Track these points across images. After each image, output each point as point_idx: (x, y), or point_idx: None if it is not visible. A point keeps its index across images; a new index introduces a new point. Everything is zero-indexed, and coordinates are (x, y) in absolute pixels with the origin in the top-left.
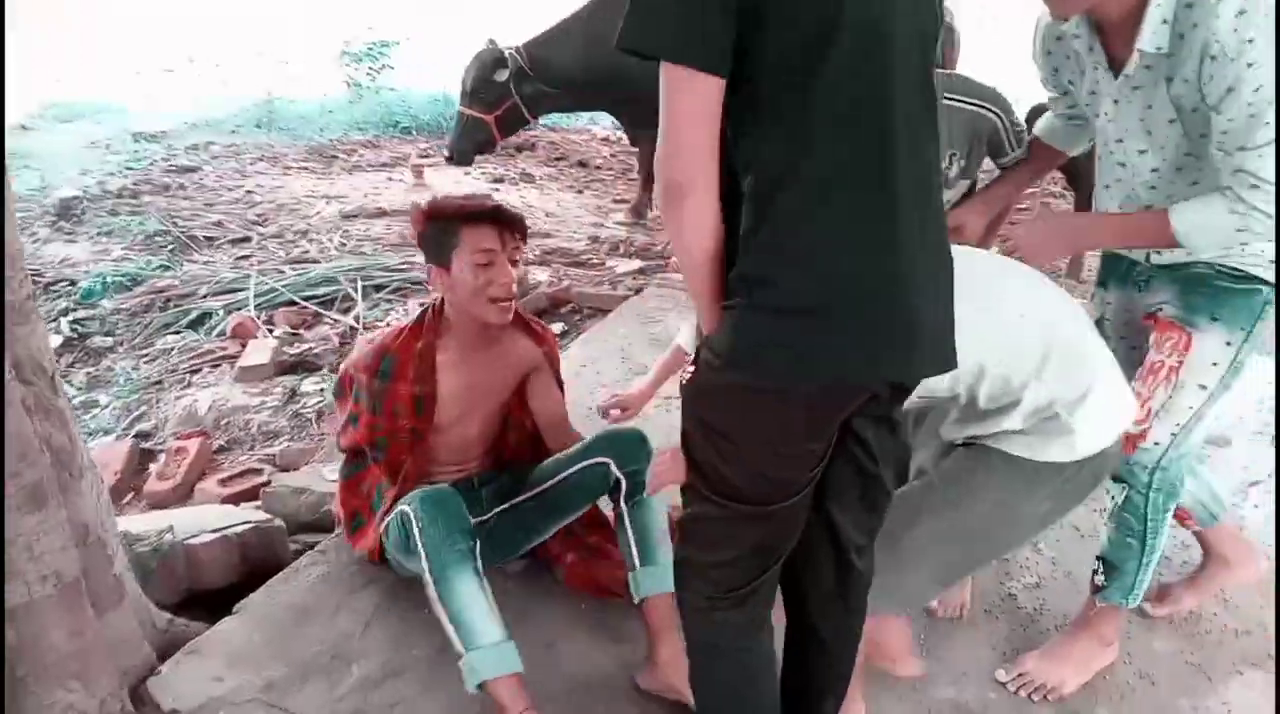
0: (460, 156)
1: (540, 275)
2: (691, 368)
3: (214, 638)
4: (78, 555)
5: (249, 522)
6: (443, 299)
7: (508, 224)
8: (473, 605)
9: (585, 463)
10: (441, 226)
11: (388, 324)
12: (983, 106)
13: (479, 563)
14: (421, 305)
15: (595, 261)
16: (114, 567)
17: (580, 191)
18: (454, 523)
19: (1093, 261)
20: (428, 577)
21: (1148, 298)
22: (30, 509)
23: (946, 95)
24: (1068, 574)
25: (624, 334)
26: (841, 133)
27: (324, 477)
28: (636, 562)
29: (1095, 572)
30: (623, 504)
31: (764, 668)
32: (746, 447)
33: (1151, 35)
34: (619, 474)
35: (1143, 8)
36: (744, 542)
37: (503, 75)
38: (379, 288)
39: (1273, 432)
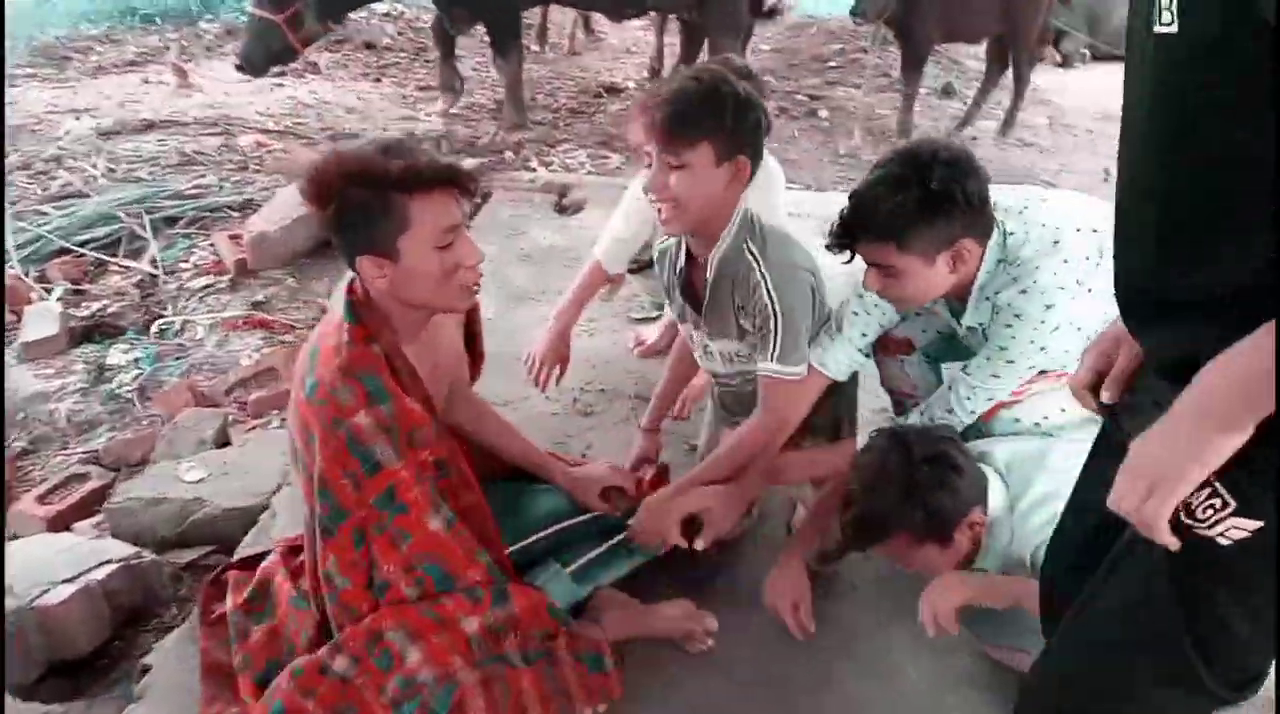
0: (250, 66)
1: None
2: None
3: None
4: None
5: (110, 560)
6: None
7: (466, 184)
8: None
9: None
10: (371, 201)
11: (194, 266)
12: None
13: None
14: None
15: None
16: None
17: (377, 79)
18: None
19: None
20: None
21: None
22: None
23: None
24: None
25: (492, 255)
26: None
27: (180, 477)
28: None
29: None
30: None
31: None
32: None
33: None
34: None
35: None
36: None
37: None
38: (171, 221)
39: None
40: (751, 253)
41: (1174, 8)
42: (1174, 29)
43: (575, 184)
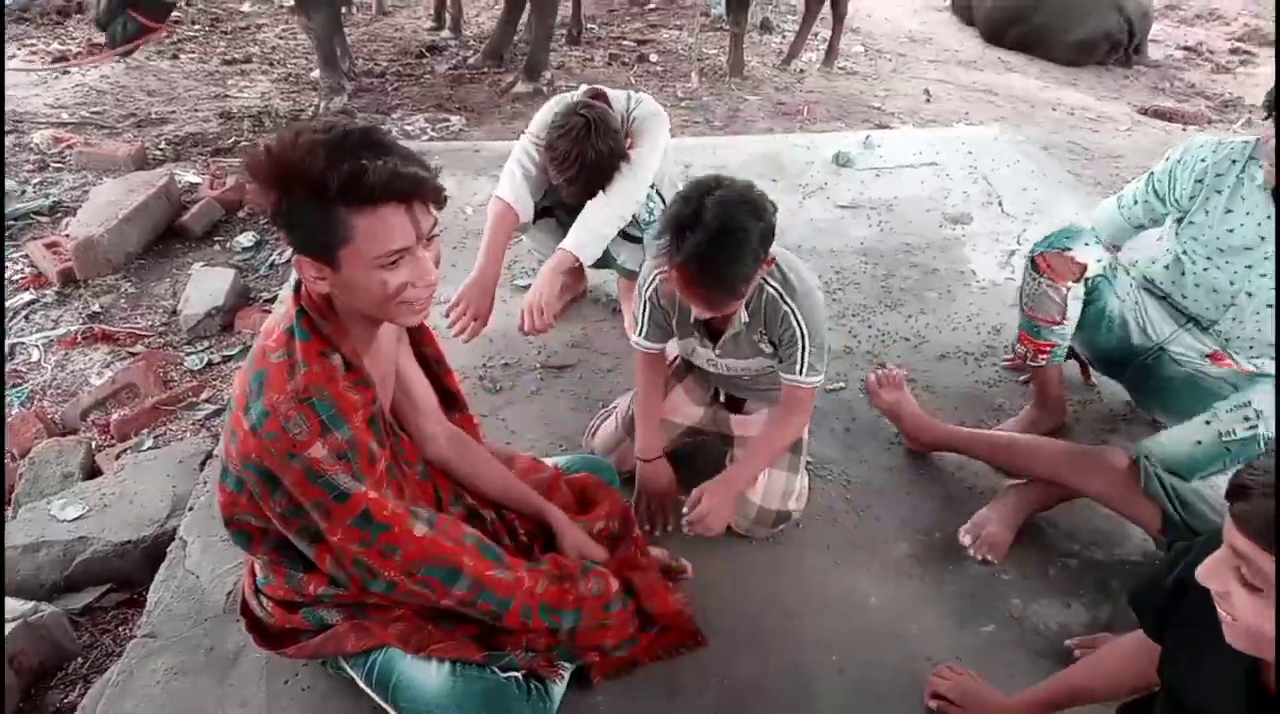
0: (111, 37)
1: (190, 176)
2: None
3: None
4: None
5: (6, 619)
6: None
7: (425, 197)
8: None
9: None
10: (310, 206)
11: (10, 281)
12: None
13: None
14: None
15: (244, 144)
16: None
17: (174, 56)
18: None
19: None
20: None
21: None
22: None
23: None
24: None
25: None
26: None
27: (55, 517)
28: None
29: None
30: None
31: None
32: None
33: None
34: None
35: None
36: None
37: None
38: None
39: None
40: (775, 289)
41: None
42: None
43: (424, 152)
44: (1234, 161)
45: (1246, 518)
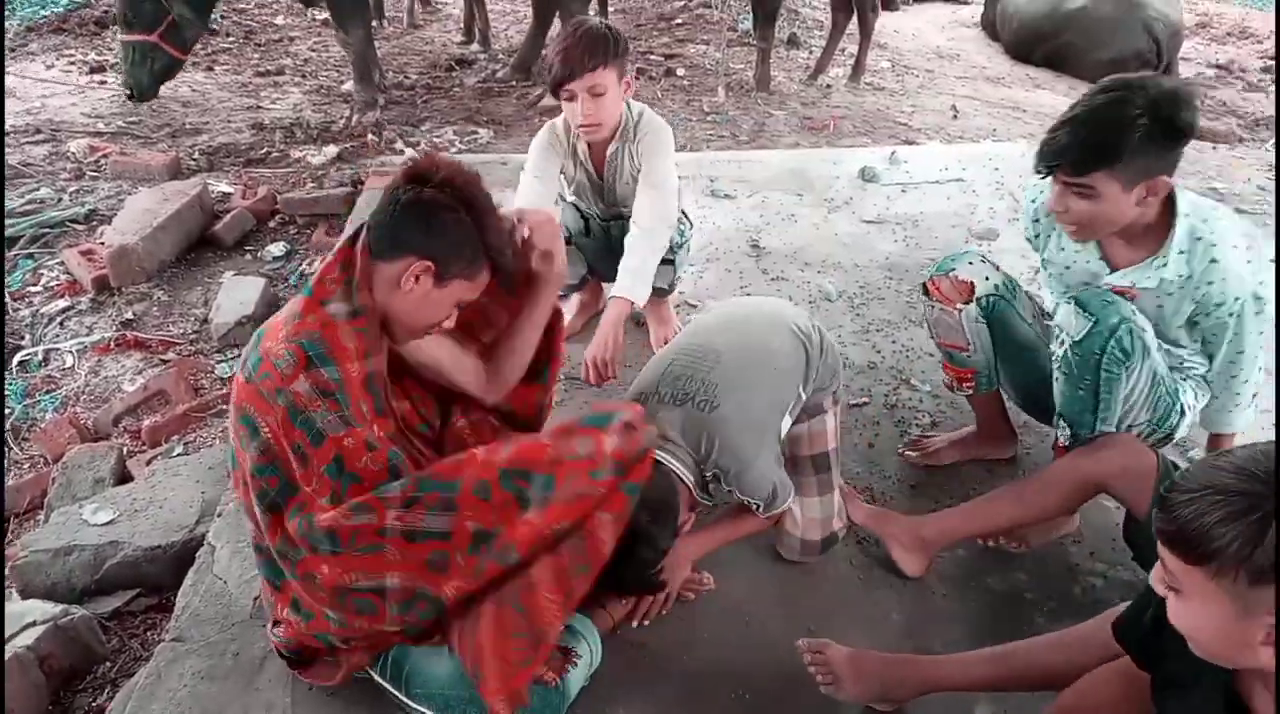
0: (140, 90)
1: (222, 186)
2: None
3: None
4: None
5: (35, 622)
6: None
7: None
8: None
9: None
10: (465, 242)
11: (46, 288)
12: None
13: None
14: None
15: (276, 155)
16: None
17: (209, 68)
18: None
19: None
20: None
21: None
22: None
23: None
24: None
25: None
26: None
27: (86, 521)
28: None
29: (1057, 432)
30: None
31: None
32: None
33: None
34: None
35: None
36: None
37: None
38: (8, 243)
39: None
40: (716, 476)
41: None
42: None
43: None
44: None
45: (1160, 524)
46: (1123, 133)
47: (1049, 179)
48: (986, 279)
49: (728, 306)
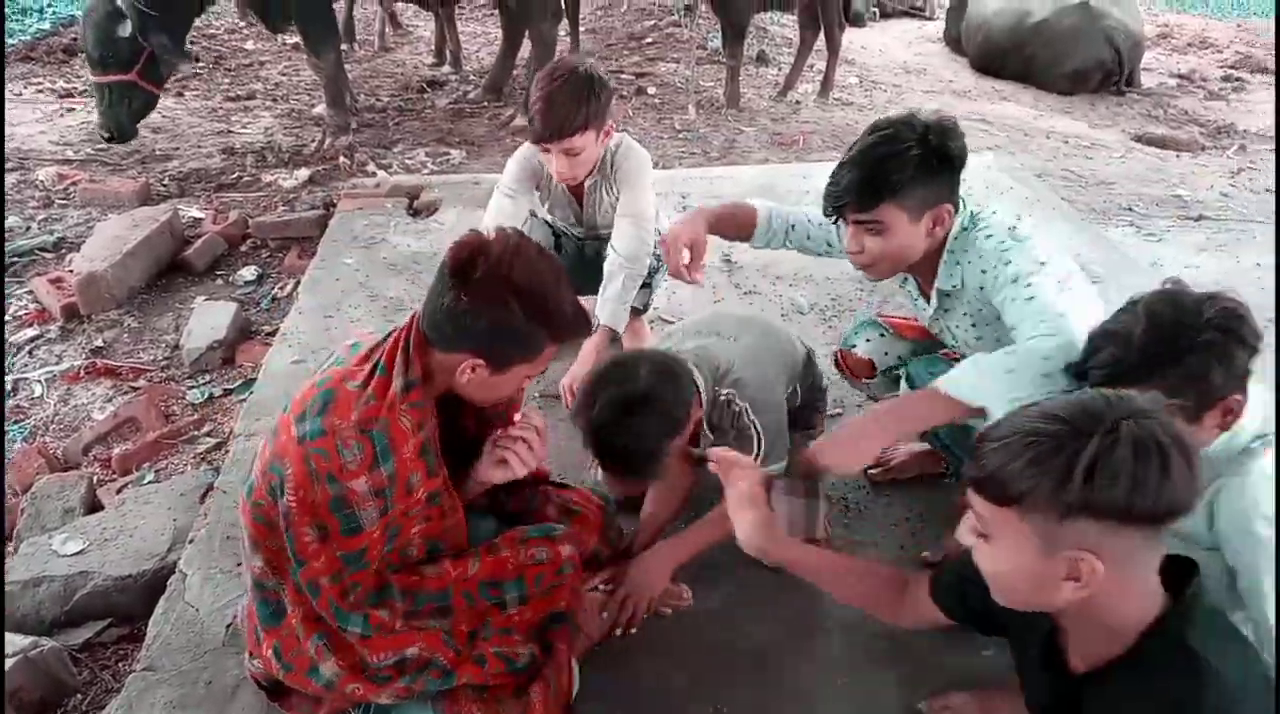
0: (121, 131)
1: (193, 211)
2: None
3: None
4: None
5: (6, 654)
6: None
7: None
8: None
9: None
10: (522, 329)
11: (14, 317)
12: None
13: None
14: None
15: (248, 180)
16: None
17: (179, 94)
18: None
19: None
20: None
21: None
22: None
23: None
24: None
25: (352, 265)
26: None
27: (56, 551)
28: None
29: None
30: None
31: None
32: None
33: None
34: None
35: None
36: None
37: (126, 29)
38: None
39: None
40: (729, 398)
41: None
42: None
43: (424, 185)
44: None
45: (972, 472)
46: (900, 164)
47: (840, 223)
48: (885, 354)
49: (722, 311)
